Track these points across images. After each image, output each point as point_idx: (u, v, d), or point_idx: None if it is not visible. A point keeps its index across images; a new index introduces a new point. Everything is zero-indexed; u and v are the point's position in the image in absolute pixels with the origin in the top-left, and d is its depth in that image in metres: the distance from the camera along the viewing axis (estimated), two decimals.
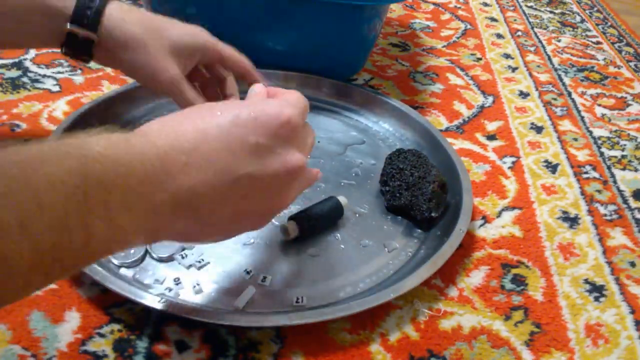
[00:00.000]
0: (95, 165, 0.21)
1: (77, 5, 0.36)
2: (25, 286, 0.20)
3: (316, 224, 0.39)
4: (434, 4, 0.84)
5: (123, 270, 0.35)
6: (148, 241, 0.26)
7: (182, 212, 0.25)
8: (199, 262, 0.36)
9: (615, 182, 0.51)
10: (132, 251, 0.36)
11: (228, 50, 0.41)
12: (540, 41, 0.77)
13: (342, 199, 0.41)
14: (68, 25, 0.36)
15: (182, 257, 0.36)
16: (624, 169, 0.53)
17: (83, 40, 0.36)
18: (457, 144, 0.53)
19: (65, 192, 0.20)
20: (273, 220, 0.39)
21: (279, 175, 0.27)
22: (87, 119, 0.45)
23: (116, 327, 0.33)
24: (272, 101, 0.28)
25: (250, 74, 0.42)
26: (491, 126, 0.56)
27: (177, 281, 0.35)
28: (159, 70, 0.37)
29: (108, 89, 0.54)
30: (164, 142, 0.24)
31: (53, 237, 0.20)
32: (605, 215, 0.47)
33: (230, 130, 0.26)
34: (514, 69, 0.68)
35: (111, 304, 0.34)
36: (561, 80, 0.67)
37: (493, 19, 0.82)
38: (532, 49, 0.74)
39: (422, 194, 0.41)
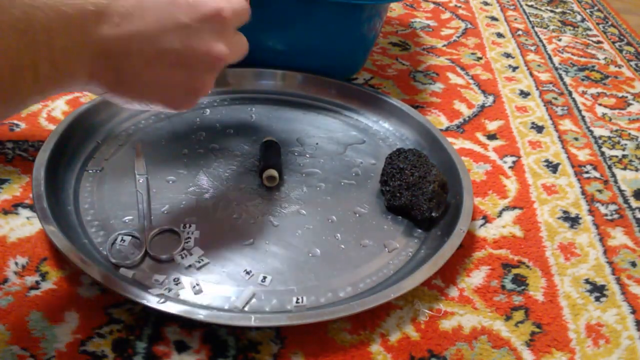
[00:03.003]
0: (38, 14, 0.25)
1: None
2: None
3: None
4: (435, 3, 0.84)
5: (122, 271, 0.35)
6: (86, 87, 0.30)
7: (109, 65, 0.29)
8: (199, 262, 0.36)
9: (616, 181, 0.51)
10: (131, 251, 0.36)
11: None
12: (540, 40, 0.77)
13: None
14: None
15: (182, 257, 0.36)
16: (624, 168, 0.53)
17: None
18: (457, 143, 0.53)
19: (16, 34, 0.24)
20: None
21: (200, 57, 0.30)
22: (86, 119, 0.45)
23: (115, 327, 0.33)
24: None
25: None
26: (492, 126, 0.56)
27: (176, 281, 0.35)
28: None
29: None
30: (102, 2, 0.28)
31: (9, 72, 0.24)
32: (606, 215, 0.46)
33: (165, 8, 0.29)
34: (514, 68, 0.68)
35: (110, 304, 0.34)
36: (562, 79, 0.67)
37: (493, 18, 0.82)
38: (533, 48, 0.74)
39: (423, 194, 0.41)
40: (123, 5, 0.28)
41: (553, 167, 0.51)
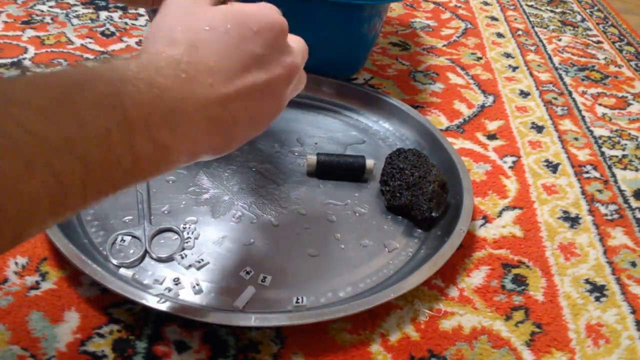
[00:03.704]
0: (128, 88, 0.22)
1: None
2: (80, 203, 0.21)
3: (333, 165, 0.44)
4: (435, 3, 0.84)
5: (122, 271, 0.35)
6: (189, 160, 0.28)
7: (215, 126, 0.27)
8: (199, 262, 0.36)
9: (616, 181, 0.51)
10: (131, 251, 0.36)
11: None
12: (540, 40, 0.76)
13: (370, 161, 0.45)
14: None
15: (182, 257, 0.36)
16: (624, 168, 0.53)
17: None
18: (457, 143, 0.53)
19: (103, 113, 0.21)
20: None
21: (280, 78, 0.31)
22: None
23: (115, 327, 0.33)
24: (262, 5, 0.31)
25: None
26: (492, 126, 0.56)
27: (176, 281, 0.35)
28: None
29: None
30: (189, 66, 0.26)
31: (100, 154, 0.21)
32: (606, 215, 0.46)
33: (240, 47, 0.28)
34: (514, 68, 0.68)
35: (110, 304, 0.34)
36: (562, 79, 0.67)
37: (493, 18, 0.81)
38: (533, 48, 0.74)
39: (423, 194, 0.41)
40: (207, 63, 0.27)
41: (553, 167, 0.51)
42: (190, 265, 0.36)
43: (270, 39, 0.30)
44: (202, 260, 0.37)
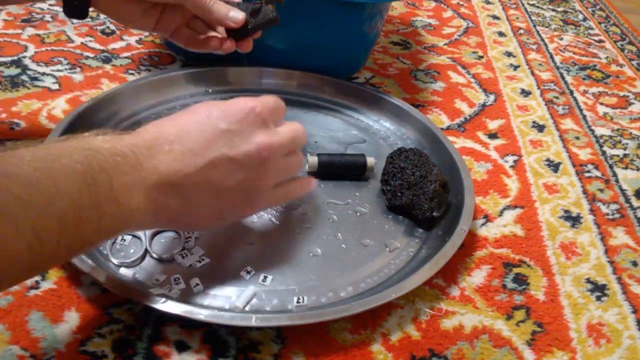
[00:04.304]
0: (97, 156, 0.27)
1: None
2: (54, 257, 0.25)
3: (334, 165, 0.44)
4: (436, 1, 0.84)
5: (123, 270, 0.35)
6: (151, 221, 0.31)
7: (171, 190, 0.30)
8: (199, 261, 0.36)
9: (617, 181, 0.51)
10: (131, 250, 0.36)
11: None
12: (542, 39, 0.76)
13: (370, 159, 0.45)
14: None
15: (182, 257, 0.36)
16: (626, 167, 0.52)
17: None
18: (458, 142, 0.53)
19: (77, 179, 0.25)
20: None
21: (250, 153, 0.32)
22: (86, 118, 0.45)
23: (115, 327, 0.32)
24: (241, 98, 0.34)
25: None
26: (493, 125, 0.56)
27: (177, 281, 0.35)
28: None
29: (107, 87, 0.53)
30: (150, 136, 0.30)
31: (73, 213, 0.25)
32: (607, 214, 0.46)
33: (205, 123, 0.32)
34: (515, 67, 0.68)
35: (110, 304, 0.34)
36: (563, 78, 0.67)
37: (495, 17, 0.81)
38: (534, 47, 0.74)
39: (424, 193, 0.40)
40: (169, 133, 0.30)
41: (554, 166, 0.51)
42: (190, 265, 0.36)
43: (239, 116, 0.32)
44: (203, 259, 0.36)
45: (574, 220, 0.45)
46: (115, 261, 0.35)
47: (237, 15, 0.41)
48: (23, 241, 0.23)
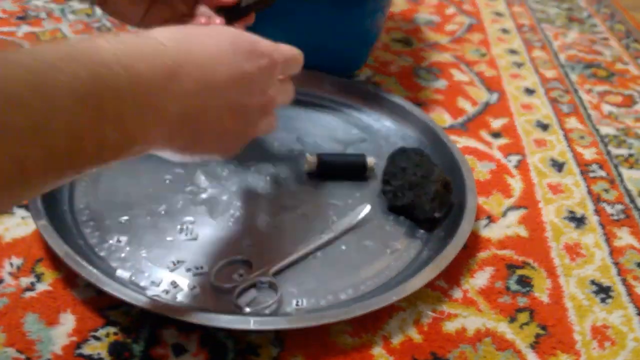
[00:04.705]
0: (106, 72, 0.21)
1: None
2: (39, 187, 0.22)
3: (334, 166, 0.44)
4: None
5: (119, 272, 0.35)
6: (155, 150, 0.27)
7: (188, 123, 0.27)
8: (197, 267, 0.36)
9: (622, 181, 0.50)
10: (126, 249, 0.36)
11: None
12: (546, 37, 0.75)
13: (370, 159, 0.44)
14: None
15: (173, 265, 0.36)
16: (631, 167, 0.52)
17: None
18: (461, 141, 0.52)
19: (78, 99, 0.20)
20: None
21: (257, 105, 0.31)
22: None
23: (112, 330, 0.32)
24: (266, 41, 0.31)
25: None
26: (496, 123, 0.55)
27: (174, 284, 0.34)
28: None
29: None
30: (174, 59, 0.25)
31: (66, 143, 0.20)
32: (612, 215, 0.46)
33: (232, 58, 0.28)
34: (519, 65, 0.67)
35: (107, 306, 0.33)
36: (567, 76, 0.66)
37: (498, 14, 0.80)
38: (539, 44, 0.73)
39: (425, 194, 0.40)
40: (195, 62, 0.26)
41: (558, 166, 0.51)
42: (188, 268, 0.36)
43: (263, 65, 0.30)
44: (200, 262, 0.36)
45: (578, 221, 0.45)
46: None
47: None
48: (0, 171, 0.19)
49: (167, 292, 0.34)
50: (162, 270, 0.35)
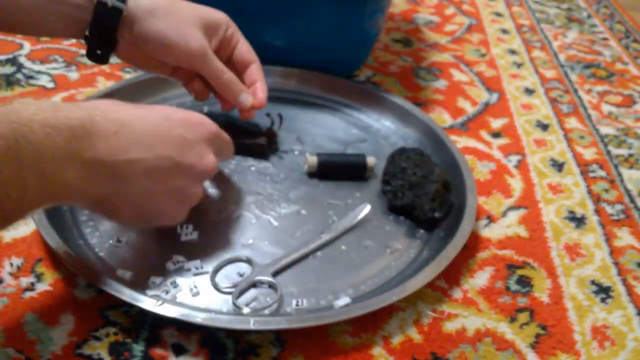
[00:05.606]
0: (23, 129, 0.25)
1: None
2: None
3: (334, 166, 0.44)
4: None
5: (119, 272, 0.35)
6: (78, 199, 0.29)
7: (106, 171, 0.28)
8: (197, 267, 0.36)
9: (622, 181, 0.50)
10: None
11: (243, 37, 0.42)
12: (546, 37, 0.76)
13: (370, 159, 0.44)
14: None
15: (174, 264, 0.36)
16: (631, 167, 0.52)
17: (111, 12, 0.36)
18: (461, 141, 0.52)
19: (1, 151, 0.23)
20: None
21: (194, 167, 0.32)
22: None
23: (112, 330, 0.32)
24: (203, 116, 0.34)
25: (252, 73, 0.42)
26: (496, 123, 0.55)
27: (174, 284, 0.34)
28: (190, 38, 0.38)
29: (104, 85, 0.53)
30: (97, 112, 0.28)
31: None
32: (612, 215, 0.46)
33: (161, 122, 0.31)
34: (519, 65, 0.67)
35: (107, 307, 0.33)
36: (567, 77, 0.66)
37: (498, 14, 0.80)
38: (538, 44, 0.73)
39: (425, 194, 0.40)
40: (122, 117, 0.29)
41: (558, 166, 0.51)
42: (188, 268, 0.36)
43: (196, 129, 0.32)
44: (200, 262, 0.36)
45: (578, 221, 0.45)
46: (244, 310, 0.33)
47: (246, 101, 0.41)
48: None
49: (167, 292, 0.34)
50: (162, 271, 0.35)
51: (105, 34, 0.37)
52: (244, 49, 0.42)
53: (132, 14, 0.37)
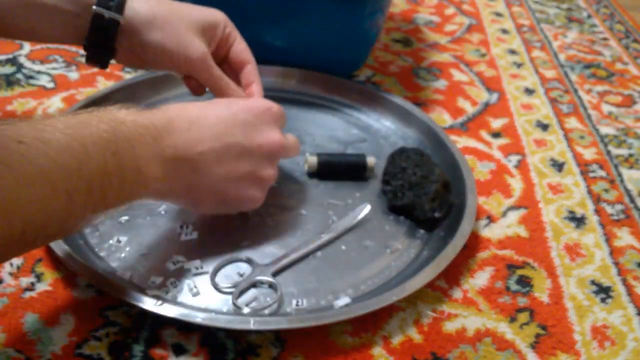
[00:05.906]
0: (121, 127, 0.29)
1: None
2: (80, 218, 0.27)
3: (334, 166, 0.44)
4: None
5: (119, 272, 0.35)
6: (166, 192, 0.33)
7: (186, 165, 0.32)
8: (197, 267, 0.36)
9: (622, 181, 0.50)
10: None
11: (240, 36, 0.43)
12: (546, 37, 0.75)
13: (370, 159, 0.44)
14: (94, 7, 0.36)
15: (174, 264, 0.36)
16: (631, 167, 0.52)
17: (108, 23, 0.36)
18: (461, 141, 0.52)
19: (103, 146, 0.27)
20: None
21: (262, 147, 0.35)
22: None
23: (112, 330, 0.32)
24: (259, 98, 0.39)
25: (248, 74, 0.42)
26: (496, 123, 0.55)
27: (174, 284, 0.34)
28: (189, 46, 0.38)
29: (103, 85, 0.53)
30: (171, 113, 0.32)
31: (99, 177, 0.27)
32: (612, 215, 0.46)
33: (224, 112, 0.34)
34: (519, 65, 0.67)
35: (107, 307, 0.33)
36: (567, 77, 0.66)
37: (498, 14, 0.80)
38: (538, 44, 0.73)
39: (425, 194, 0.40)
40: (190, 114, 0.33)
41: (558, 166, 0.51)
42: (188, 268, 0.36)
43: (256, 111, 0.35)
44: (200, 262, 0.36)
45: (578, 221, 0.45)
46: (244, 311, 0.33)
47: None
48: (58, 200, 0.25)
49: (167, 292, 0.34)
50: (162, 271, 0.35)
51: (103, 44, 0.37)
52: (240, 48, 0.42)
53: (129, 25, 0.37)
